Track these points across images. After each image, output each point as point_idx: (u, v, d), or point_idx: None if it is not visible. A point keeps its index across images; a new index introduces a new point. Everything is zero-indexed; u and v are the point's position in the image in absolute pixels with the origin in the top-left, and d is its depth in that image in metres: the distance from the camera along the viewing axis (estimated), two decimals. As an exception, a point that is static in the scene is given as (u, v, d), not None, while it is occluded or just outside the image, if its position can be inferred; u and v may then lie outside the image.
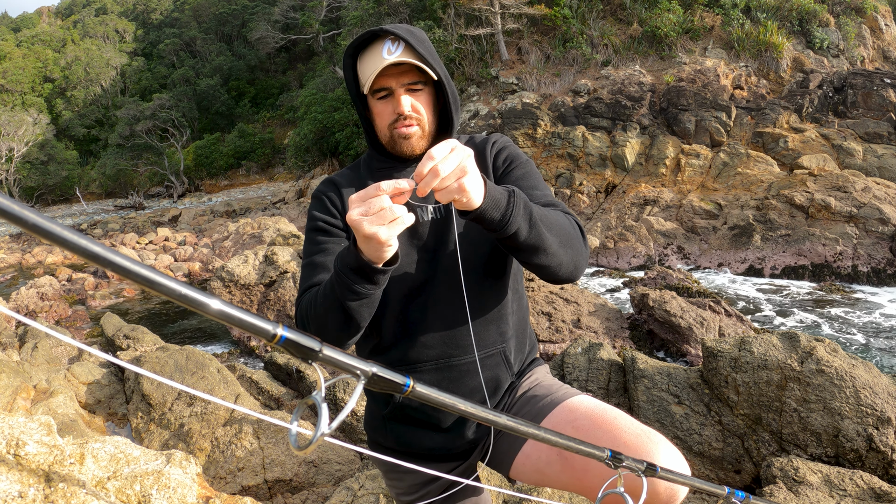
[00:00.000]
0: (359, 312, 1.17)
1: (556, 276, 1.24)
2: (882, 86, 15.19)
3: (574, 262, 1.24)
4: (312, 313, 1.23)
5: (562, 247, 1.21)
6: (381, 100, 1.32)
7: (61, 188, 37.33)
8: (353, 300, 1.15)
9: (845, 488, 3.05)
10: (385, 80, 1.28)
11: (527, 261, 1.20)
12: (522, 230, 1.13)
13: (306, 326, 1.24)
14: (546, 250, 1.18)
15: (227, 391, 5.09)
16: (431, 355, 1.36)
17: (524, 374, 1.48)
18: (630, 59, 18.48)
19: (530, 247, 1.16)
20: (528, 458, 1.34)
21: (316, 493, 3.96)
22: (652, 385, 4.09)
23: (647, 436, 1.15)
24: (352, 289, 1.13)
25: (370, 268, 1.09)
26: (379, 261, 1.08)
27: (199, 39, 46.35)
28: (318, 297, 1.22)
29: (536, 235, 1.15)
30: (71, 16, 56.83)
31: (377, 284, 1.14)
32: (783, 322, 9.19)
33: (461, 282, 1.34)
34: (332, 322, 1.20)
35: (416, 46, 1.26)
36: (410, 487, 1.48)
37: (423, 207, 1.35)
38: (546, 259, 1.19)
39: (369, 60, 1.30)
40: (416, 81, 1.30)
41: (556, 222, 1.21)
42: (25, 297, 12.00)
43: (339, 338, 1.22)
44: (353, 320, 1.18)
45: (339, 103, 25.79)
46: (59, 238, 0.47)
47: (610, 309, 8.10)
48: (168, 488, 1.75)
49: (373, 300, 1.17)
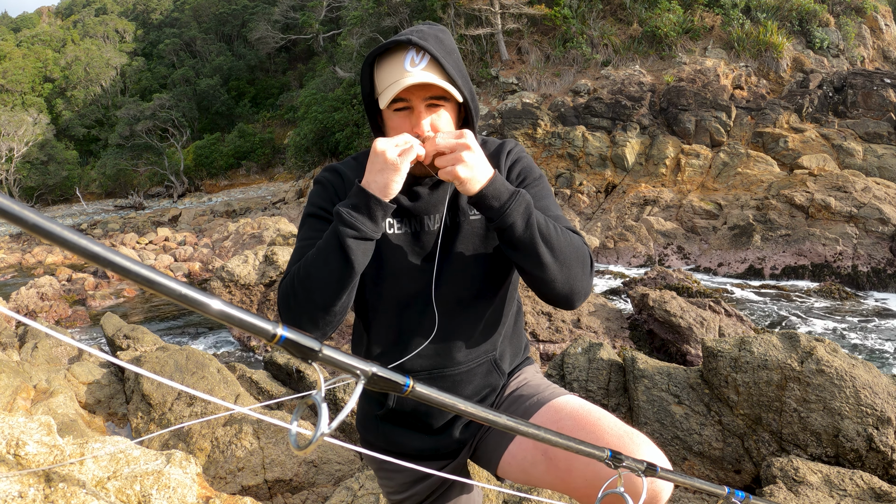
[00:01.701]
0: (350, 266, 1.14)
1: (549, 291, 1.22)
2: (882, 86, 15.19)
3: (570, 282, 1.22)
4: (301, 273, 1.18)
5: (556, 262, 1.20)
6: (399, 112, 1.24)
7: (61, 188, 37.33)
8: (350, 242, 1.13)
9: (845, 488, 3.05)
10: (405, 92, 1.20)
11: (522, 267, 1.21)
12: (518, 226, 1.15)
13: (289, 295, 1.20)
14: (538, 259, 1.18)
15: (227, 391, 5.09)
16: (425, 365, 1.35)
17: (513, 373, 1.48)
18: (630, 59, 18.48)
19: (523, 248, 1.17)
20: (513, 457, 1.34)
21: (316, 493, 3.96)
22: (652, 385, 4.09)
23: (629, 437, 1.15)
24: (353, 226, 1.13)
25: (375, 199, 1.13)
26: (385, 195, 1.12)
27: (199, 39, 46.35)
28: (310, 256, 1.19)
29: (530, 238, 1.16)
30: (71, 16, 56.83)
31: (376, 222, 1.15)
32: (783, 322, 9.20)
33: (461, 292, 1.34)
34: (318, 282, 1.16)
35: (443, 61, 1.19)
36: (401, 486, 1.50)
37: (431, 216, 1.33)
38: (538, 269, 1.19)
39: (389, 70, 1.22)
40: (439, 96, 1.22)
41: (556, 236, 1.20)
42: (25, 297, 12.01)
43: (323, 304, 1.16)
44: (342, 279, 1.15)
45: (339, 103, 25.78)
46: (59, 238, 0.47)
47: (610, 309, 8.10)
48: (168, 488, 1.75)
49: (367, 250, 1.16)
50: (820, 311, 9.49)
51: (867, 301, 9.99)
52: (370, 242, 1.16)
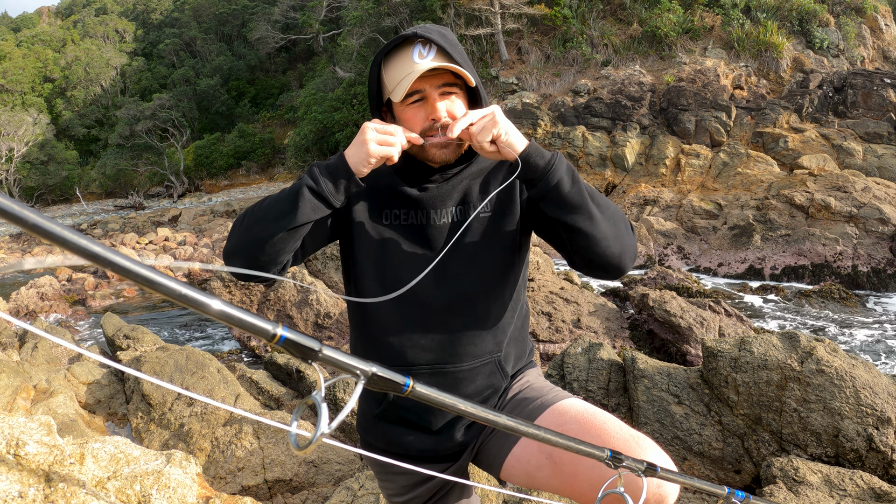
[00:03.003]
0: (294, 212, 1.17)
1: (603, 252, 1.21)
2: (882, 86, 15.19)
3: (620, 239, 1.22)
4: (256, 206, 1.24)
5: (605, 217, 1.20)
6: (413, 104, 1.25)
7: (61, 188, 37.29)
8: (305, 192, 1.17)
9: (845, 488, 3.05)
10: (417, 83, 1.22)
11: (570, 224, 1.19)
12: (565, 184, 1.17)
13: (239, 220, 1.25)
14: (590, 214, 1.18)
15: (227, 391, 5.09)
16: (427, 359, 1.35)
17: (516, 376, 1.47)
18: (630, 59, 18.48)
19: (572, 204, 1.17)
20: (517, 460, 1.33)
21: (316, 493, 3.96)
22: (652, 385, 4.09)
23: (635, 440, 1.15)
24: (316, 180, 1.17)
25: (345, 168, 1.17)
26: (358, 172, 1.17)
27: (199, 39, 46.32)
28: (273, 195, 1.25)
29: (578, 193, 1.18)
30: (71, 16, 56.81)
31: (338, 189, 1.18)
32: (783, 322, 9.20)
33: (465, 288, 1.34)
34: (263, 215, 1.20)
35: (450, 51, 1.22)
36: (402, 488, 1.49)
37: (438, 210, 1.33)
38: (590, 226, 1.18)
39: (398, 65, 1.24)
40: (451, 83, 1.25)
41: (600, 197, 1.23)
42: (25, 297, 12.00)
43: (258, 237, 1.20)
44: (281, 219, 1.18)
45: (339, 103, 25.78)
46: (59, 238, 0.47)
47: (610, 309, 8.10)
48: (168, 488, 1.75)
49: (316, 207, 1.18)
50: (820, 311, 9.49)
51: (867, 301, 9.99)
52: (323, 203, 1.19)
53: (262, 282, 1.32)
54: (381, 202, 1.36)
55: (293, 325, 8.13)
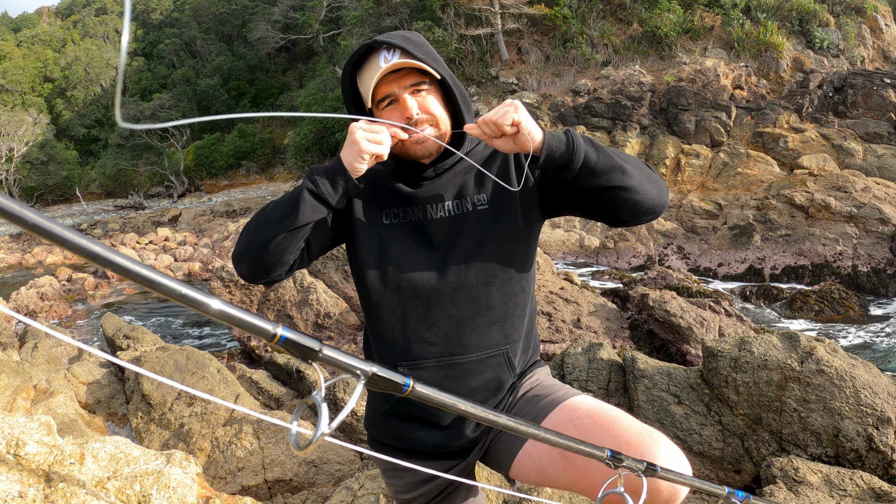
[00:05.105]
0: (296, 213, 1.22)
1: (645, 196, 1.26)
2: (882, 86, 15.19)
3: (653, 181, 1.28)
4: (262, 211, 1.30)
5: (636, 168, 1.26)
6: (387, 108, 1.30)
7: (61, 188, 37.28)
8: (305, 194, 1.22)
9: (845, 488, 3.05)
10: (386, 87, 1.28)
11: (609, 186, 1.23)
12: (591, 155, 1.20)
13: (247, 224, 1.31)
14: (623, 169, 1.23)
15: (227, 391, 5.09)
16: (434, 352, 1.36)
17: (525, 374, 1.48)
18: (630, 59, 18.48)
19: (605, 169, 1.21)
20: (528, 457, 1.33)
21: (316, 493, 3.96)
22: (652, 385, 4.09)
23: (648, 435, 1.16)
24: (315, 183, 1.22)
25: (341, 170, 1.21)
26: (353, 171, 1.21)
27: (199, 39, 46.32)
28: (272, 202, 1.30)
29: (606, 157, 1.22)
30: (71, 16, 56.80)
31: (335, 189, 1.22)
32: (783, 322, 9.19)
33: (467, 280, 1.35)
34: (268, 218, 1.26)
35: (412, 50, 1.26)
36: (409, 486, 1.49)
37: (433, 205, 1.36)
38: (626, 180, 1.23)
39: (367, 74, 1.30)
40: (419, 83, 1.29)
41: (616, 150, 1.27)
42: (25, 297, 12.00)
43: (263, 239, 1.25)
44: (284, 221, 1.23)
45: (339, 103, 25.76)
46: (59, 238, 0.47)
47: (610, 309, 8.10)
48: (168, 488, 1.75)
49: (316, 209, 1.23)
50: (819, 310, 9.48)
51: (867, 301, 9.98)
52: (322, 204, 1.24)
53: (262, 282, 1.35)
54: (381, 203, 1.39)
55: (293, 325, 8.13)
